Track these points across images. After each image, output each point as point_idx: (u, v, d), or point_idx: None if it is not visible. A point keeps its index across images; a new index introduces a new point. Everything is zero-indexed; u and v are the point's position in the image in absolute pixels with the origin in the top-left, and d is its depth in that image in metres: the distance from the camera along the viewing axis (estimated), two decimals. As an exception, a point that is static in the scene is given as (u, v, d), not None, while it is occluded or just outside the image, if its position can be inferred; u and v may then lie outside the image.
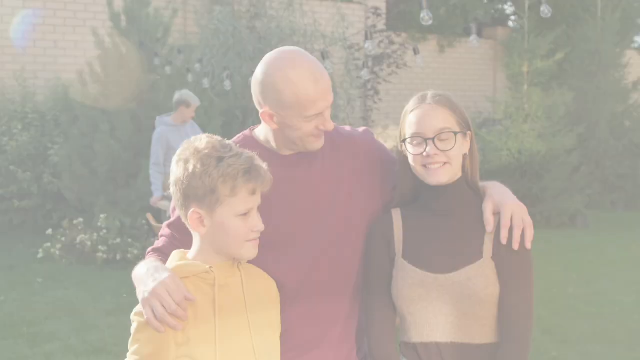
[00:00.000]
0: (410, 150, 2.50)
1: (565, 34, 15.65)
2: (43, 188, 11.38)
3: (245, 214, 2.32)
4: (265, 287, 2.51)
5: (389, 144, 15.37)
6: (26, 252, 10.08)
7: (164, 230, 2.67)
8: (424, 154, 2.45)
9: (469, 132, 2.53)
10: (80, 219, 9.80)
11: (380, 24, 15.84)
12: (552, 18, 16.23)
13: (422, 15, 4.66)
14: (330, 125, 2.52)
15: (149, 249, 2.65)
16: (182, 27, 13.94)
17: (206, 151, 2.31)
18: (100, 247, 9.35)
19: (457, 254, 2.47)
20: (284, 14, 13.82)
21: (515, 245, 2.41)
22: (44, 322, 7.17)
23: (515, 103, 13.26)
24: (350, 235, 2.63)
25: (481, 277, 2.42)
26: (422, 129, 2.47)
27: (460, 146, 2.49)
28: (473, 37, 5.53)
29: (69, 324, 7.09)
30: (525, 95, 13.16)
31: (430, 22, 4.68)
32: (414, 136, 2.48)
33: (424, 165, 2.47)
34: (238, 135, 2.71)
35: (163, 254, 2.53)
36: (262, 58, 2.58)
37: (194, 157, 2.31)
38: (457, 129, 2.48)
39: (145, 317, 2.24)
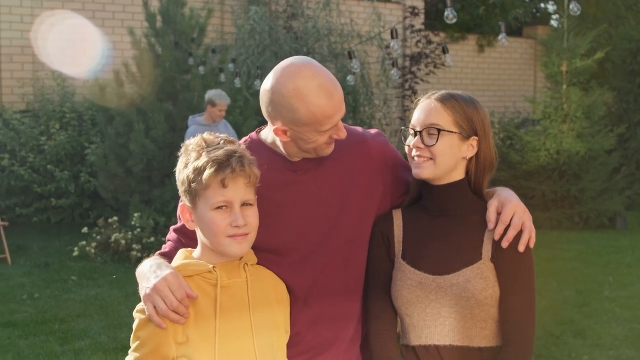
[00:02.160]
0: (404, 140, 2.54)
1: (606, 32, 15.40)
2: (80, 187, 11.53)
3: (222, 208, 2.29)
4: (274, 289, 2.48)
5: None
6: (62, 250, 10.21)
7: (171, 234, 2.67)
8: (411, 146, 2.47)
9: (474, 138, 2.48)
10: (115, 218, 9.88)
11: (418, 24, 15.76)
12: (593, 17, 16.10)
13: (446, 14, 4.60)
14: (344, 134, 2.49)
15: (157, 253, 2.64)
16: (219, 27, 14.03)
17: (192, 146, 2.35)
18: (134, 246, 9.42)
19: (456, 255, 2.44)
20: (321, 14, 13.82)
21: (504, 244, 2.38)
22: (75, 320, 7.24)
23: (554, 103, 13.09)
24: (362, 238, 2.61)
25: (480, 279, 2.38)
26: (415, 121, 2.49)
27: (450, 146, 2.45)
28: (502, 36, 5.43)
29: (100, 322, 7.16)
30: (564, 95, 12.96)
31: (455, 20, 4.61)
32: (409, 128, 2.52)
33: (413, 158, 2.48)
34: (245, 138, 2.69)
35: (170, 259, 2.52)
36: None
37: (184, 153, 2.37)
38: (451, 129, 2.44)
39: (147, 313, 2.24)
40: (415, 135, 2.47)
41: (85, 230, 9.91)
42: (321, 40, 13.52)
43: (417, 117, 2.49)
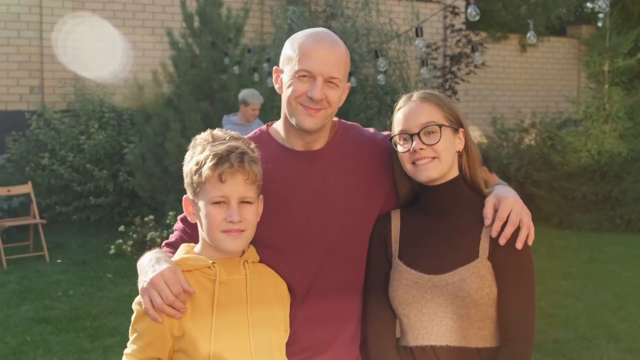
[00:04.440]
0: (398, 149, 2.46)
1: (651, 30, 15.10)
2: (119, 186, 11.65)
3: (220, 203, 2.29)
4: (274, 287, 2.47)
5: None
6: (100, 248, 10.34)
7: (178, 224, 2.69)
8: (411, 149, 2.40)
9: (461, 130, 2.47)
10: (151, 217, 9.97)
11: (459, 23, 15.64)
12: (638, 15, 15.79)
13: (469, 10, 4.55)
14: (317, 94, 2.43)
15: (164, 242, 2.67)
16: (258, 27, 14.09)
17: (198, 141, 2.36)
18: (169, 244, 9.46)
19: (452, 254, 2.39)
20: (360, 14, 13.79)
21: (501, 241, 2.33)
22: (107, 317, 7.31)
23: (595, 103, 12.88)
24: (364, 237, 2.58)
25: (476, 277, 2.34)
26: (407, 125, 2.44)
27: (449, 140, 2.43)
28: (530, 34, 5.35)
29: (131, 319, 7.20)
30: (606, 95, 12.75)
31: (477, 17, 4.57)
32: (401, 133, 2.45)
33: (413, 163, 2.42)
34: (255, 131, 2.71)
35: (175, 249, 2.54)
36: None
37: (191, 147, 2.39)
38: (444, 123, 2.42)
39: (143, 306, 2.25)
40: (411, 139, 2.42)
41: (121, 228, 10.02)
42: (359, 40, 13.48)
43: (407, 120, 2.45)
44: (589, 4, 20.70)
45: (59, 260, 9.70)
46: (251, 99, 8.71)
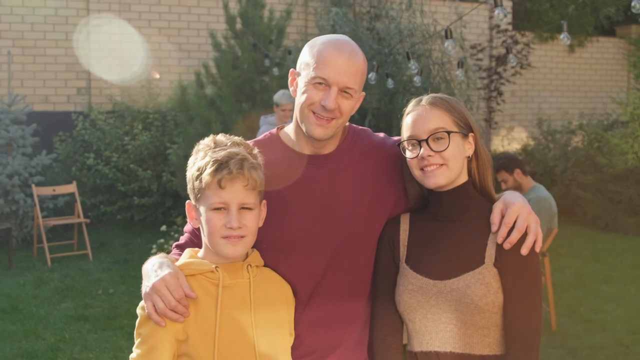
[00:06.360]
0: (407, 154, 2.45)
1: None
2: (162, 186, 11.78)
3: (220, 209, 2.31)
4: (279, 290, 2.48)
5: (512, 146, 14.72)
6: (143, 247, 10.47)
7: (187, 226, 2.70)
8: (419, 156, 2.39)
9: (471, 134, 2.45)
10: (192, 217, 10.05)
11: (504, 24, 15.48)
12: (689, 14, 15.41)
13: (496, 12, 4.51)
14: (330, 104, 2.43)
15: (174, 244, 2.70)
16: (302, 29, 14.12)
17: (201, 146, 2.39)
18: (208, 244, 9.54)
19: (458, 260, 2.38)
20: (404, 15, 13.72)
21: (507, 246, 2.31)
22: (145, 316, 7.38)
23: (643, 104, 12.66)
24: (370, 242, 2.58)
25: (481, 284, 2.31)
26: (415, 131, 2.42)
27: (458, 147, 2.41)
28: (564, 35, 5.29)
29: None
30: (654, 96, 12.52)
31: (504, 19, 4.52)
32: (409, 139, 2.44)
33: (422, 169, 2.41)
34: (265, 134, 2.72)
35: (184, 251, 2.56)
36: (380, 59, 2.59)
37: (194, 152, 2.41)
38: (453, 129, 2.40)
39: (146, 311, 2.27)
40: (420, 145, 2.41)
41: (163, 228, 10.12)
42: (403, 42, 13.42)
43: (415, 126, 2.43)
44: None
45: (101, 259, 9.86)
46: (280, 100, 8.71)
